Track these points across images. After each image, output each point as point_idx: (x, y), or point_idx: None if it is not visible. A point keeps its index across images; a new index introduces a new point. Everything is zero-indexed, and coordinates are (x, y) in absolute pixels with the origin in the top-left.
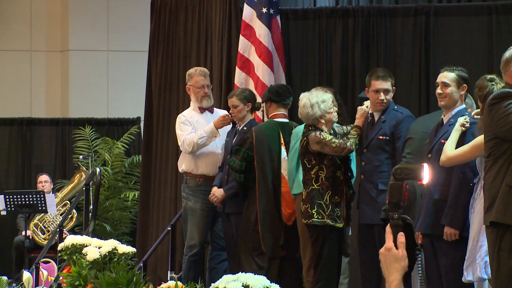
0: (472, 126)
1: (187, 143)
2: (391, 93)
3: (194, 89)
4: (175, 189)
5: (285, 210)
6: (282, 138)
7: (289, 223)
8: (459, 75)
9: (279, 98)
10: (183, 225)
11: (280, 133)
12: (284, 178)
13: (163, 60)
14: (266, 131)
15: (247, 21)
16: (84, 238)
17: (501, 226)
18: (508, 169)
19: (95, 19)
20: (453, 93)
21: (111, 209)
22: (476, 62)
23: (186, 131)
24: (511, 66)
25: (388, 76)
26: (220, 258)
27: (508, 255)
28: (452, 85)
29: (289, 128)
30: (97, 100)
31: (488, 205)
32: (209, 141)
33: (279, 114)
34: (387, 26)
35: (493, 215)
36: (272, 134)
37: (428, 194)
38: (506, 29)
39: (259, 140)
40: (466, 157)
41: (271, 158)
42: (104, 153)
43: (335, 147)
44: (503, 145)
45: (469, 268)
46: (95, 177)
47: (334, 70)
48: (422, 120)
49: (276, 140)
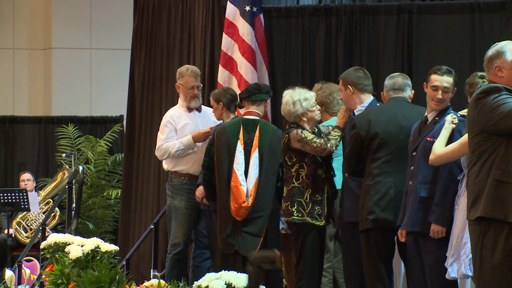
0: (458, 124)
1: (162, 151)
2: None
3: (184, 89)
4: (157, 187)
5: (233, 204)
6: (241, 134)
7: (238, 218)
8: (454, 79)
9: (246, 95)
10: (167, 223)
11: (241, 129)
12: (235, 173)
13: (146, 58)
14: (228, 127)
15: (230, 19)
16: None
17: (485, 223)
18: (494, 164)
19: (78, 17)
20: (449, 97)
21: (94, 207)
22: (459, 60)
23: (166, 135)
24: (494, 64)
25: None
26: (204, 256)
27: (491, 253)
28: (450, 90)
29: (253, 125)
30: (80, 98)
31: (473, 201)
32: (185, 153)
33: (250, 112)
34: (370, 24)
35: (480, 211)
36: (233, 130)
37: (414, 192)
38: (489, 27)
39: (219, 136)
40: (454, 155)
41: (229, 154)
42: (87, 151)
43: (315, 147)
44: (488, 140)
45: (453, 265)
46: (78, 175)
47: (317, 68)
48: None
49: (235, 136)
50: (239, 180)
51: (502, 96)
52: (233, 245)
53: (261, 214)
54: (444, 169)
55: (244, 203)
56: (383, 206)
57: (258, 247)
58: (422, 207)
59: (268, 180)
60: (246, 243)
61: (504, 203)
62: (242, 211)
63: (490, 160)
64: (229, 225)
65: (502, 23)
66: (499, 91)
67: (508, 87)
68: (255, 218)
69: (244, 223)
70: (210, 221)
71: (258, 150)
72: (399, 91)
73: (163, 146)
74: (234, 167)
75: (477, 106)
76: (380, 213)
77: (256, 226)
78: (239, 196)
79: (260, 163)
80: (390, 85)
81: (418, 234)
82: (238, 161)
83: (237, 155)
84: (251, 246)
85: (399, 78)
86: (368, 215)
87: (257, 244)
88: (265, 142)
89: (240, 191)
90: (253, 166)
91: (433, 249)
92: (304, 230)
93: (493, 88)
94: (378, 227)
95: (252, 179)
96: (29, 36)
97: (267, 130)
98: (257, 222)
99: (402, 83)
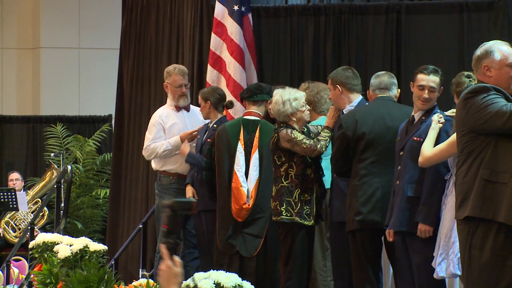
0: (445, 123)
1: (149, 151)
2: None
3: (172, 87)
4: (146, 187)
5: (234, 205)
6: (241, 134)
7: (239, 219)
8: (441, 78)
9: (247, 95)
10: (156, 223)
11: (242, 129)
12: (235, 174)
13: (134, 58)
14: (229, 128)
15: (219, 19)
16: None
17: (473, 223)
18: (482, 164)
19: (66, 16)
20: (436, 97)
21: (83, 207)
22: (447, 60)
23: (154, 134)
24: (482, 63)
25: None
26: (192, 256)
27: (479, 253)
28: (437, 89)
29: (253, 125)
30: (68, 98)
31: (461, 200)
32: (172, 153)
33: (249, 112)
34: (359, 23)
35: (468, 210)
36: (233, 130)
37: (401, 191)
38: (477, 27)
39: (220, 136)
40: (443, 155)
41: (230, 154)
42: (75, 150)
43: (305, 147)
44: (477, 140)
45: (441, 264)
46: (67, 175)
47: (306, 67)
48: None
49: (236, 137)
50: (240, 181)
51: (491, 96)
52: (234, 246)
53: (262, 215)
54: (430, 169)
55: (245, 205)
56: (370, 207)
57: (259, 248)
58: (409, 206)
59: (268, 181)
60: (246, 244)
61: (493, 202)
62: (243, 213)
63: (479, 160)
64: (229, 226)
65: (490, 23)
66: (487, 91)
67: (496, 87)
68: (256, 219)
69: (245, 224)
70: (199, 221)
71: (258, 151)
72: (385, 90)
73: (151, 146)
74: (234, 168)
75: (466, 105)
76: (367, 214)
77: (257, 227)
78: (240, 198)
79: (260, 164)
80: (376, 84)
81: (406, 234)
82: (239, 162)
83: (238, 156)
84: (252, 247)
85: (385, 77)
86: (355, 216)
87: (258, 245)
88: (265, 142)
89: (241, 192)
90: (253, 167)
91: (421, 249)
92: (293, 230)
93: (481, 88)
94: (365, 228)
95: (253, 180)
96: (17, 35)
97: (267, 131)
98: (257, 223)
99: (389, 82)
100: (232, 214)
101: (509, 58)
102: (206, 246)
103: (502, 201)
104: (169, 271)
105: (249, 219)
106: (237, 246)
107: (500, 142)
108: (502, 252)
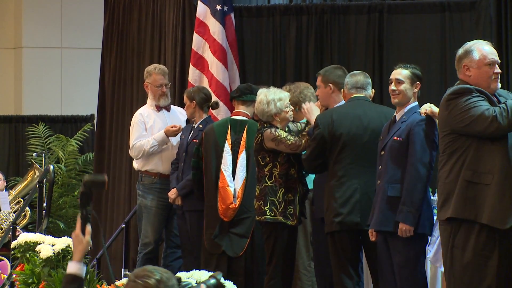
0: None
1: (137, 150)
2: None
3: (152, 87)
4: (128, 187)
5: (220, 205)
6: (229, 134)
7: (225, 219)
8: (413, 72)
9: (237, 94)
10: (138, 223)
11: (229, 129)
12: (222, 174)
13: (116, 57)
14: (217, 127)
15: (201, 18)
16: (37, 235)
17: (455, 223)
18: (464, 164)
19: (48, 16)
20: (406, 90)
21: (65, 207)
22: (429, 59)
23: (137, 133)
24: (463, 63)
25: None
26: (175, 255)
27: (461, 252)
28: (405, 82)
29: (241, 125)
30: (50, 97)
31: (443, 201)
32: (159, 148)
33: (238, 112)
34: (341, 23)
35: (450, 211)
36: (221, 130)
37: (381, 191)
38: (459, 27)
39: (207, 136)
40: None
41: (217, 154)
42: (57, 150)
43: (290, 144)
44: (458, 140)
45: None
46: (49, 175)
47: (288, 67)
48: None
49: (223, 136)
50: (227, 181)
51: (474, 98)
52: (220, 245)
53: (248, 215)
54: (410, 168)
55: (231, 204)
56: (349, 208)
57: (245, 248)
58: (390, 206)
59: (255, 181)
60: (233, 244)
61: (475, 203)
62: (230, 212)
63: (461, 161)
64: (216, 226)
65: (472, 23)
66: (470, 93)
67: (479, 88)
68: (242, 219)
69: (231, 224)
70: (183, 221)
71: (245, 151)
72: (361, 89)
73: (137, 145)
74: (221, 167)
75: (448, 106)
76: (347, 215)
77: (243, 227)
78: (226, 197)
79: (247, 164)
80: (352, 83)
81: (387, 234)
82: (226, 162)
83: (225, 155)
84: (238, 247)
85: (361, 76)
86: (334, 217)
87: (244, 244)
88: (252, 143)
89: (228, 192)
90: (240, 167)
91: (402, 248)
92: (276, 230)
93: (464, 89)
94: (344, 230)
95: (240, 180)
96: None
97: (254, 131)
98: (244, 223)
99: (364, 82)
100: (218, 213)
101: (487, 57)
102: (189, 245)
103: (485, 202)
104: (77, 238)
105: (236, 219)
106: (223, 246)
107: (482, 143)
108: (484, 252)
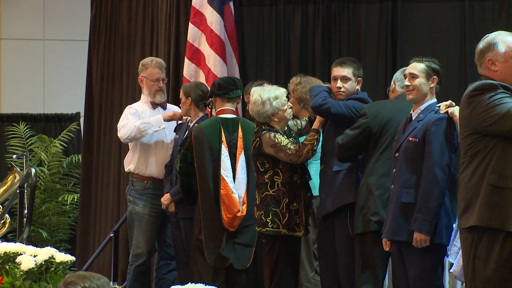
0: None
1: (126, 128)
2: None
3: (148, 81)
4: (118, 192)
5: (225, 215)
6: (223, 135)
7: (231, 229)
8: (429, 65)
9: (222, 92)
10: (128, 232)
11: (222, 130)
12: (224, 180)
13: (104, 50)
14: (206, 129)
15: (197, 7)
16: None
17: (478, 232)
18: (488, 167)
19: (30, 5)
20: (421, 85)
21: (48, 214)
22: (447, 52)
23: (128, 119)
24: (486, 57)
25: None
26: (168, 267)
27: (484, 264)
28: (420, 77)
29: (234, 124)
30: (32, 94)
31: (464, 207)
32: (151, 130)
33: (225, 110)
34: (351, 13)
35: (474, 219)
36: (212, 132)
37: (395, 197)
38: (480, 16)
39: (198, 139)
40: None
41: (213, 158)
42: (40, 152)
43: (290, 154)
44: (482, 141)
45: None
46: (30, 179)
47: (293, 61)
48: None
49: (216, 139)
50: (230, 188)
51: (499, 95)
52: (227, 258)
53: (251, 222)
54: (426, 172)
55: (238, 212)
56: None
57: (251, 259)
58: (403, 213)
59: None
60: (238, 255)
61: (501, 210)
62: (237, 221)
63: (484, 163)
64: (221, 237)
65: (494, 12)
66: (495, 89)
67: (505, 84)
68: (246, 227)
69: (235, 233)
70: (177, 230)
71: (244, 152)
72: None
73: (128, 124)
74: (222, 173)
75: (470, 104)
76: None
77: (247, 236)
78: (232, 206)
79: (247, 166)
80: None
81: (402, 244)
82: (226, 167)
83: (223, 160)
84: (244, 258)
85: None
86: (372, 216)
87: (250, 255)
88: (250, 142)
89: (233, 199)
90: (241, 170)
91: (417, 260)
92: (279, 243)
93: (488, 85)
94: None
95: (242, 185)
96: None
97: (250, 129)
98: (248, 231)
99: None
100: (223, 224)
101: None
102: (184, 256)
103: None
104: None
105: (239, 228)
106: (230, 259)
107: (508, 144)
108: (509, 264)
